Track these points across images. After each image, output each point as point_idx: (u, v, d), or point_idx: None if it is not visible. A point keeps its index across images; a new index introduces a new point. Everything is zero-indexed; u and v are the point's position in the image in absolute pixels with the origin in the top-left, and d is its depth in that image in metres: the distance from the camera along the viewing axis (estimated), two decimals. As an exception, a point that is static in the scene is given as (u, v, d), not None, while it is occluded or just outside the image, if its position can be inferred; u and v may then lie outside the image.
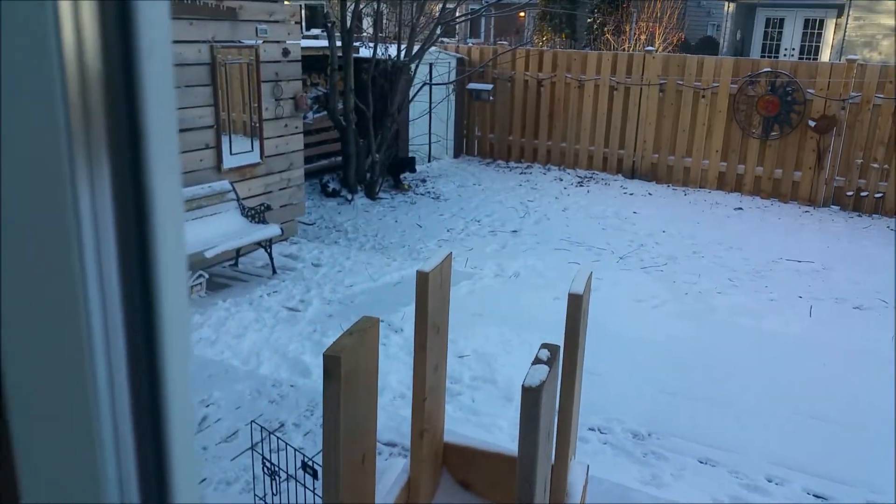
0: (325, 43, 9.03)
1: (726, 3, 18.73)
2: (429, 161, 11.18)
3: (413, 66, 9.38)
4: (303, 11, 20.37)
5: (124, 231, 0.54)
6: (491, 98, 11.18)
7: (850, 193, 9.24)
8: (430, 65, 10.58)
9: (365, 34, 12.49)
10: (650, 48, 11.07)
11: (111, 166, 0.52)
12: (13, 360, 0.51)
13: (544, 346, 2.59)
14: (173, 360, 0.54)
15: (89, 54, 0.47)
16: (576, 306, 2.77)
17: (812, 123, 9.20)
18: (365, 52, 9.71)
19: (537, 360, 2.46)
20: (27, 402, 0.51)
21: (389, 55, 9.31)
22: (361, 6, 9.34)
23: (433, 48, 10.10)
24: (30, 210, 0.51)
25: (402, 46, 9.27)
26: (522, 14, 21.06)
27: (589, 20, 19.16)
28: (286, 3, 6.83)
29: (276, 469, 3.24)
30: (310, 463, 3.01)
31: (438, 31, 9.78)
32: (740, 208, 9.24)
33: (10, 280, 0.51)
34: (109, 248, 0.54)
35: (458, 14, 11.67)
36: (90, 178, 0.51)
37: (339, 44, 8.71)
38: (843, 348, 5.29)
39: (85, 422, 0.50)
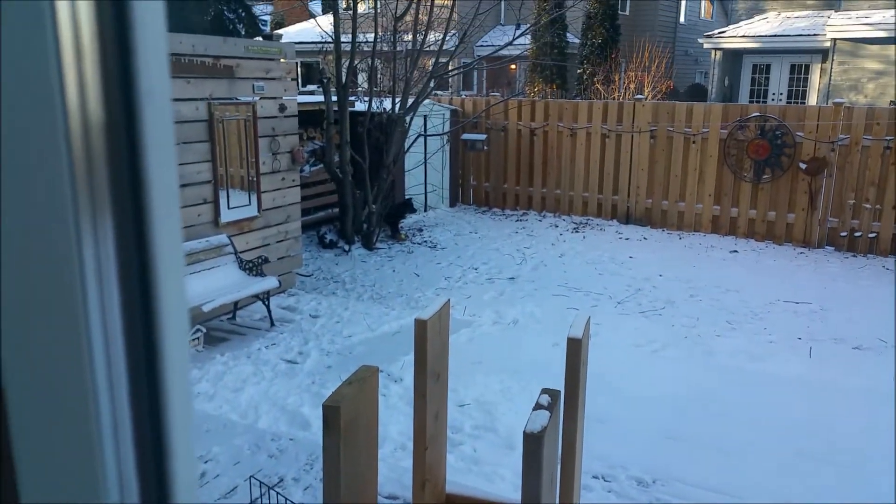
0: (321, 98, 9.17)
1: (713, 51, 19.14)
2: (425, 210, 11.25)
3: (408, 119, 9.51)
4: (299, 68, 20.74)
5: (127, 281, 0.55)
6: (485, 148, 11.32)
7: (843, 234, 9.30)
8: (425, 117, 10.73)
9: (360, 89, 12.70)
10: (640, 96, 11.26)
11: (114, 217, 0.53)
12: (16, 378, 0.51)
13: (545, 391, 2.57)
14: (174, 383, 0.54)
15: (91, 102, 0.48)
16: (575, 351, 2.76)
17: (803, 166, 9.30)
18: (360, 106, 9.85)
19: (538, 406, 2.45)
20: (28, 411, 0.51)
21: (384, 108, 9.46)
22: (356, 62, 9.53)
23: (427, 101, 10.26)
24: (35, 262, 0.51)
25: (397, 100, 9.42)
26: (514, 66, 21.47)
27: (579, 71, 19.53)
28: (282, 60, 6.97)
29: (276, 525, 3.18)
30: (310, 517, 2.95)
31: (432, 85, 9.96)
32: (735, 251, 9.27)
33: (13, 318, 0.51)
34: (112, 297, 0.54)
35: (450, 68, 11.90)
36: (94, 229, 0.52)
37: (334, 98, 8.85)
38: (846, 389, 5.25)
39: (85, 428, 0.51)
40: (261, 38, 8.18)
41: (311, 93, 12.97)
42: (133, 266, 0.54)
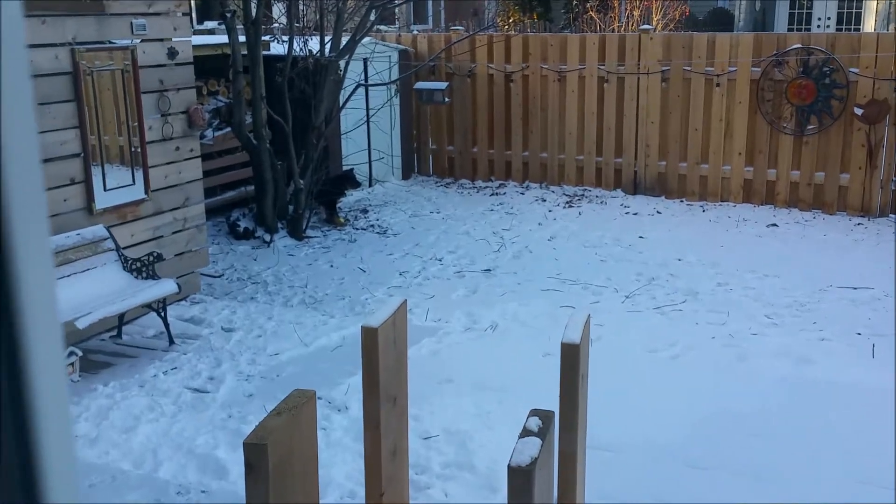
0: (224, 39, 9.10)
1: (739, -34, 19.40)
2: (371, 185, 11.26)
3: (342, 64, 9.48)
4: (193, 0, 20.49)
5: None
6: (446, 100, 11.35)
7: (912, 198, 9.55)
8: (365, 61, 10.72)
9: (276, 24, 12.62)
10: (647, 27, 11.39)
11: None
12: None
13: (534, 413, 2.63)
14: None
15: None
16: (571, 360, 2.83)
17: (859, 111, 9.51)
18: (278, 49, 9.80)
19: (526, 432, 2.51)
20: None
21: (310, 51, 9.42)
22: (270, -11, 9.48)
23: (367, 39, 10.25)
24: None
25: (327, 39, 9.38)
26: (481, -10, 21.50)
27: (567, -6, 19.65)
28: (171, -11, 6.90)
29: None
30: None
31: (373, 17, 9.95)
32: (775, 225, 9.47)
33: None
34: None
35: (397, -6, 11.89)
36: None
37: (242, 39, 8.78)
38: (918, 396, 5.42)
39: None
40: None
41: (211, 32, 12.84)
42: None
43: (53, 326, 0.63)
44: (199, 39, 9.21)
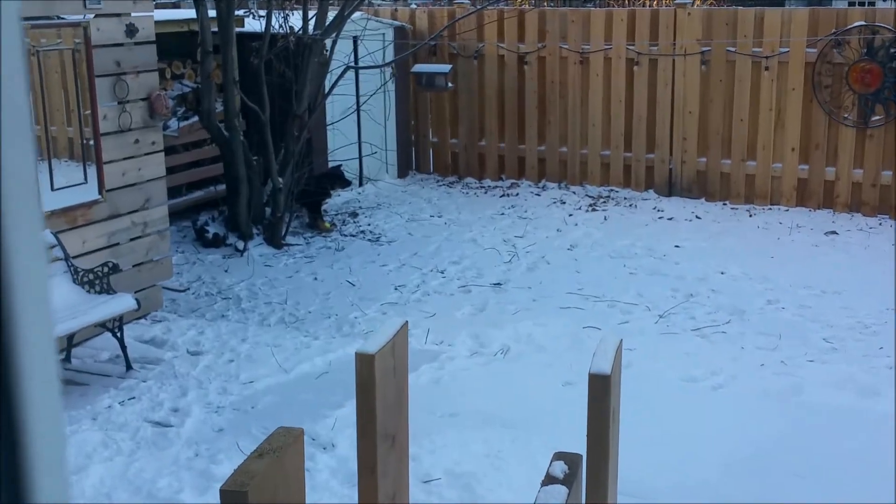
0: (191, 13, 9.10)
1: (790, -70, 19.43)
2: (361, 184, 11.25)
3: (328, 43, 9.47)
4: (154, -33, 20.53)
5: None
6: (449, 85, 11.33)
7: None
8: (355, 39, 10.71)
9: (252, -3, 12.62)
10: (683, 0, 11.39)
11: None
12: None
13: (559, 456, 2.62)
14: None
15: None
16: (601, 393, 2.81)
17: (930, 100, 9.51)
18: (254, 25, 9.80)
19: (550, 479, 2.49)
20: None
21: (291, 28, 9.41)
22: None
23: (357, 14, 10.25)
24: None
25: (310, 13, 9.38)
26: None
27: (589, -38, 19.70)
28: (131, -45, 6.91)
29: None
30: None
31: (365, -11, 9.95)
32: (834, 232, 9.45)
33: None
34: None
35: (392, -39, 11.91)
36: None
37: (213, 14, 8.78)
38: None
39: None
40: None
41: (176, 5, 12.88)
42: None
43: (46, 326, 0.64)
44: (162, 14, 9.22)
